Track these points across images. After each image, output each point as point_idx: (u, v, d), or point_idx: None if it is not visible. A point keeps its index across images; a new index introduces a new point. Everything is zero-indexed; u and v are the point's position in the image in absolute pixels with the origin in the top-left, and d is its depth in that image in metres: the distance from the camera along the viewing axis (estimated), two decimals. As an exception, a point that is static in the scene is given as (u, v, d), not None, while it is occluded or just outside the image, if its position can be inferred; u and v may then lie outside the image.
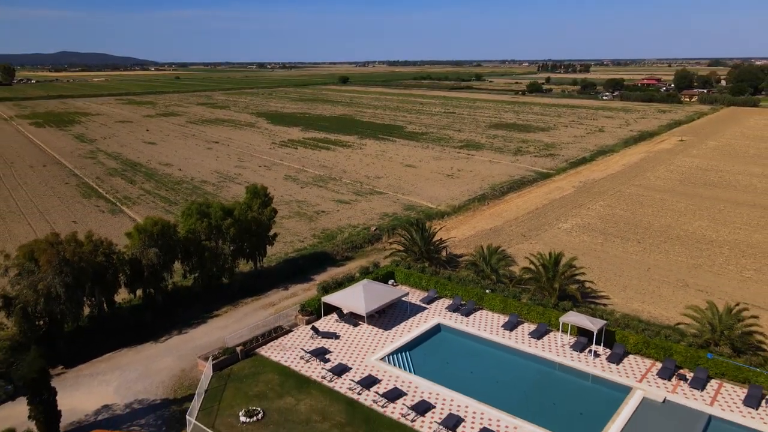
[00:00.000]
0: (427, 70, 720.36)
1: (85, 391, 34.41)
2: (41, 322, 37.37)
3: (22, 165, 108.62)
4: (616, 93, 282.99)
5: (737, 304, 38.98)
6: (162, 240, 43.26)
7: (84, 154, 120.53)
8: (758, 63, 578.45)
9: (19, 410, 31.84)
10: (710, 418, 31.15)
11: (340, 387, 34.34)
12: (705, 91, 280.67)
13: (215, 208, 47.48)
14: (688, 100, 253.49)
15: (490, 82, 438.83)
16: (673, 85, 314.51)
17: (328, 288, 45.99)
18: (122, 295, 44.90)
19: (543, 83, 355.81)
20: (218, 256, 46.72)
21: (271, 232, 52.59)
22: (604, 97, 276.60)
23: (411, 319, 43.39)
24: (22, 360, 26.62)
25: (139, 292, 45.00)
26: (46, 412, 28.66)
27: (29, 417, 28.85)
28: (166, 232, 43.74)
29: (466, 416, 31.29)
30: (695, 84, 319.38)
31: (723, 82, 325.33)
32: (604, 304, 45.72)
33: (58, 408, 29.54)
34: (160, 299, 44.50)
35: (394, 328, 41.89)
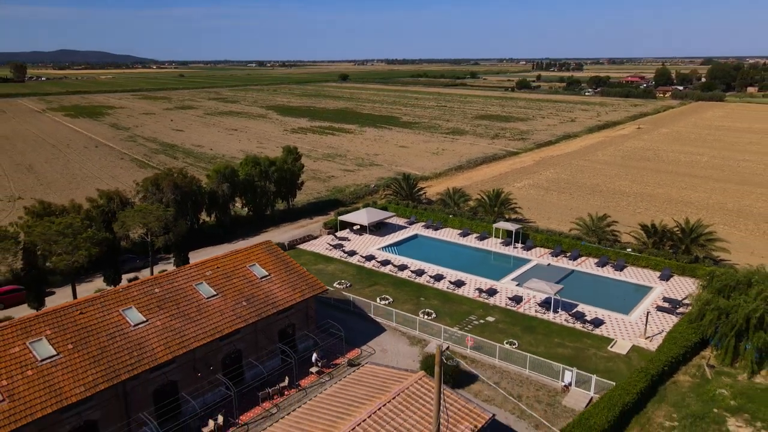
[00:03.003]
0: (425, 68, 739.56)
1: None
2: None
3: (77, 147, 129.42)
4: (598, 89, 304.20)
5: (605, 214, 60.20)
6: (230, 179, 64.17)
7: (124, 139, 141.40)
8: (750, 61, 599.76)
9: (162, 267, 53.11)
10: (573, 271, 52.29)
11: (352, 260, 55.43)
12: (681, 87, 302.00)
13: (263, 159, 68.48)
14: (662, 95, 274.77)
15: (484, 79, 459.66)
16: (653, 82, 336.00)
17: (341, 214, 66.93)
18: (201, 218, 65.83)
19: (532, 81, 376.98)
20: (265, 193, 67.62)
21: (300, 180, 73.59)
22: (587, 93, 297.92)
23: (398, 232, 64.43)
24: (178, 224, 47.44)
25: (213, 216, 65.90)
26: (183, 261, 49.60)
27: (174, 264, 49.85)
28: (232, 173, 64.65)
29: (428, 270, 52.36)
30: (674, 81, 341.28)
31: (703, 80, 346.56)
32: (530, 225, 66.68)
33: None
34: (227, 221, 65.47)
35: (387, 236, 62.93)
